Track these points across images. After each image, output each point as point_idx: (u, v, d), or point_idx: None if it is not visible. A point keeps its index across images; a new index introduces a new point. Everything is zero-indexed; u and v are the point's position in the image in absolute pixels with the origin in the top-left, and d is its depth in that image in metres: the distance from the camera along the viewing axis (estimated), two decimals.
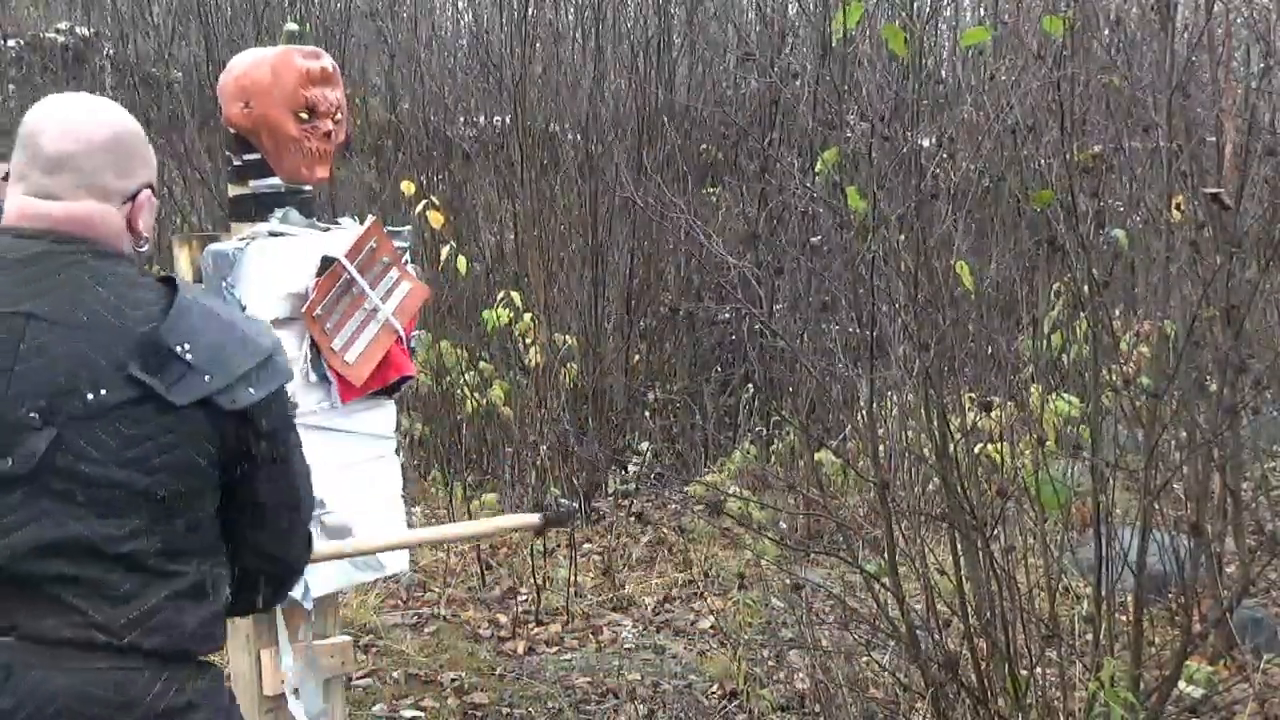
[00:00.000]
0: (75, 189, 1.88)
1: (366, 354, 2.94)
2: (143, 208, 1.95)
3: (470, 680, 4.66)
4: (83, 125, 1.90)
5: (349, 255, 2.91)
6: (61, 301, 1.82)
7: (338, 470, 2.89)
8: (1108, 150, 4.21)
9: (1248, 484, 4.74)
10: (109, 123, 1.93)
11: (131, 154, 1.94)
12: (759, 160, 7.65)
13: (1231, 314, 3.48)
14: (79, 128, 1.90)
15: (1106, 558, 3.46)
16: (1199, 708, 3.72)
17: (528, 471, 6.41)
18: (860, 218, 3.54)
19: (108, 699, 1.79)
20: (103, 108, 1.96)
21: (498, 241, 7.78)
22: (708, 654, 4.86)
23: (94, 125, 1.91)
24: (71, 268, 1.84)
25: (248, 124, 2.88)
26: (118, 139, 1.92)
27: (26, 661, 1.77)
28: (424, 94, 8.22)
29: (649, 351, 7.66)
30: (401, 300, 3.01)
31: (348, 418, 2.96)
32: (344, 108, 2.98)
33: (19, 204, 1.89)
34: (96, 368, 1.80)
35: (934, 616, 3.68)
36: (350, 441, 2.97)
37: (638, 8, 8.96)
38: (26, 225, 1.88)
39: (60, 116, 1.91)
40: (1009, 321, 4.85)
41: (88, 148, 1.89)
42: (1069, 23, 3.50)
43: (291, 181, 2.92)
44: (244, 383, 1.88)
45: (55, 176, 1.88)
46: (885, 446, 3.85)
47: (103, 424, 1.79)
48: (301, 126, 2.86)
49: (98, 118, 1.93)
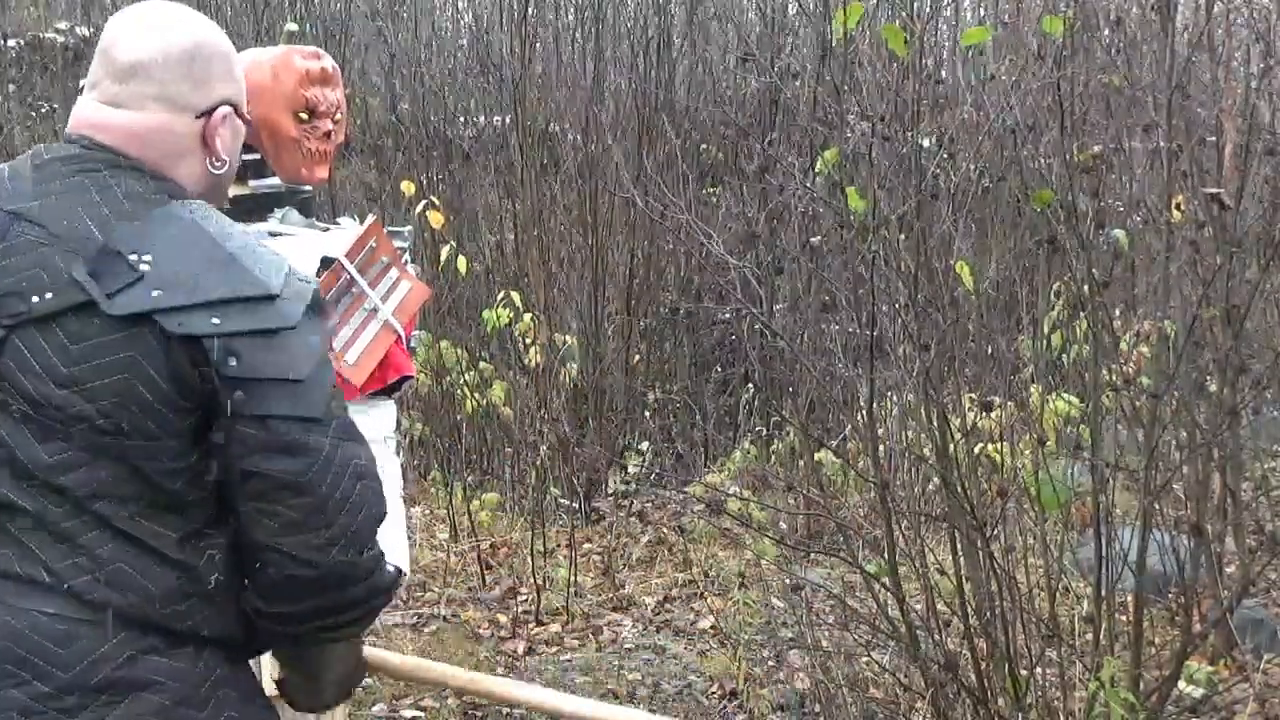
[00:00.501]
0: (145, 99, 1.77)
1: (366, 355, 2.94)
2: (221, 124, 1.82)
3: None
4: (162, 33, 1.78)
5: (349, 255, 2.91)
6: (53, 207, 1.70)
7: None
8: (1108, 150, 4.21)
9: (1248, 484, 4.74)
10: (189, 32, 1.80)
11: (211, 66, 1.81)
12: (759, 160, 7.65)
13: (1231, 314, 3.48)
14: (158, 35, 1.78)
15: (1106, 558, 3.46)
16: (1199, 708, 3.72)
17: (528, 471, 6.41)
18: (860, 218, 3.54)
19: (44, 649, 1.64)
20: (187, 17, 1.83)
21: (498, 241, 7.78)
22: (708, 654, 4.86)
23: (174, 34, 1.79)
24: (80, 174, 1.72)
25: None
26: (197, 48, 1.80)
27: None
28: (424, 94, 8.22)
29: (649, 351, 7.67)
30: (401, 300, 3.01)
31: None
32: (344, 108, 2.98)
33: (81, 110, 1.79)
34: (52, 271, 1.66)
35: (934, 616, 3.68)
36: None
37: (638, 8, 8.95)
38: (75, 132, 1.78)
39: (140, 24, 1.79)
40: (1009, 321, 4.85)
41: (164, 56, 1.77)
42: (1069, 23, 3.50)
43: (291, 182, 2.92)
44: (205, 309, 1.63)
45: (126, 85, 1.77)
46: (885, 446, 3.85)
47: (44, 332, 1.65)
48: (301, 127, 2.86)
49: (180, 27, 1.80)
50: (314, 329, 1.74)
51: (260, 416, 1.65)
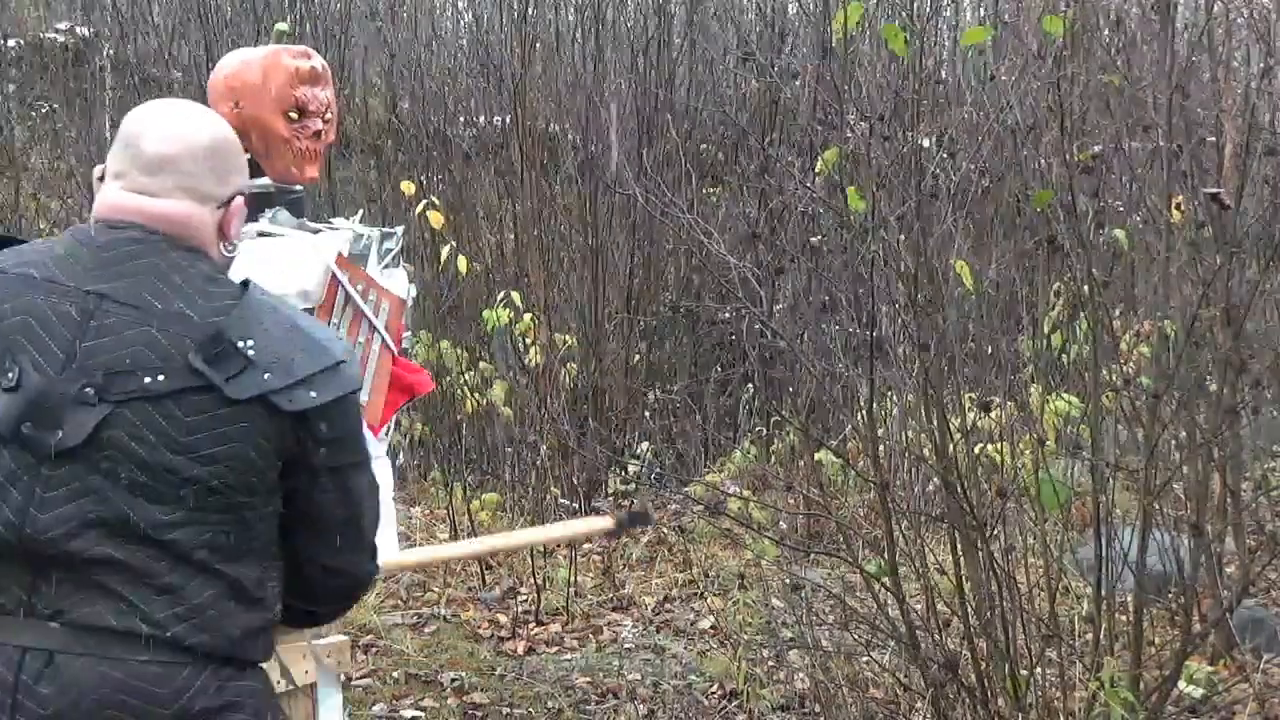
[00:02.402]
0: (174, 190, 1.92)
1: (375, 392, 2.95)
2: (236, 214, 1.99)
3: (470, 680, 4.66)
4: (186, 129, 1.95)
5: (325, 314, 2.88)
6: (136, 286, 1.85)
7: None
8: (1108, 150, 4.21)
9: (1248, 484, 4.74)
10: (210, 129, 1.98)
11: (229, 160, 1.99)
12: (759, 160, 7.65)
13: (1231, 314, 3.48)
14: (182, 131, 1.94)
15: (1106, 558, 3.46)
16: (1199, 708, 3.72)
17: (528, 471, 6.41)
18: (860, 218, 3.54)
19: (146, 691, 1.79)
20: (204, 115, 2.01)
21: (498, 241, 7.78)
22: (708, 654, 4.86)
23: (196, 130, 1.96)
24: (151, 255, 1.88)
25: (237, 124, 2.86)
26: (217, 144, 1.97)
27: (70, 648, 1.78)
28: (424, 94, 8.22)
29: (649, 351, 7.67)
30: (386, 320, 3.01)
31: None
32: (334, 107, 2.97)
33: (115, 198, 1.92)
34: (159, 352, 1.82)
35: (934, 616, 3.68)
36: None
37: (638, 8, 8.95)
38: (116, 217, 1.91)
39: (164, 120, 1.96)
40: (1009, 321, 4.85)
41: (190, 151, 1.93)
42: (1069, 23, 3.50)
43: (281, 181, 2.91)
44: (304, 385, 1.87)
45: (155, 177, 1.91)
46: (885, 446, 3.85)
47: (158, 408, 1.81)
48: (291, 126, 2.86)
49: (200, 124, 1.97)
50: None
51: (337, 468, 1.93)
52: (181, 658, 1.82)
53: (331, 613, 2.16)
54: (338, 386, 1.91)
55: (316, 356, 1.90)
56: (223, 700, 1.85)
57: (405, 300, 3.07)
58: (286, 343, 1.89)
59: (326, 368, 1.90)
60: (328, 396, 1.89)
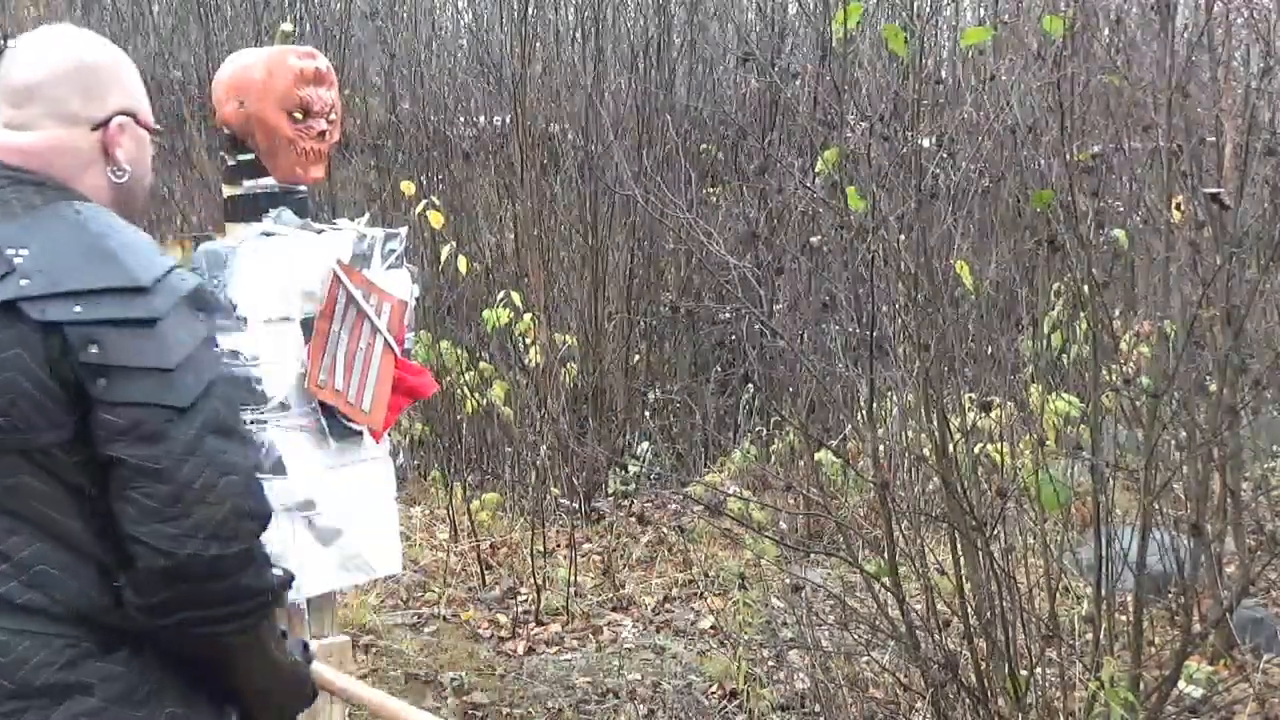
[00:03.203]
0: (42, 118, 1.84)
1: (378, 399, 2.95)
2: (119, 135, 1.89)
3: (470, 680, 4.66)
4: (50, 53, 1.87)
5: (326, 319, 2.89)
6: None
7: (327, 471, 2.89)
8: (1108, 150, 4.21)
9: (1248, 484, 4.74)
10: (79, 49, 1.89)
11: (100, 79, 1.89)
12: (759, 160, 7.65)
13: (1231, 314, 3.48)
14: (46, 55, 1.87)
15: (1106, 558, 3.46)
16: (1199, 708, 3.71)
17: (528, 471, 6.41)
18: (860, 218, 3.54)
19: None
20: (72, 36, 1.91)
21: (498, 241, 7.77)
22: (708, 654, 4.86)
23: (58, 53, 1.87)
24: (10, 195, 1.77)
25: (241, 124, 2.88)
26: (85, 63, 1.88)
27: None
28: (424, 94, 8.22)
29: (649, 351, 7.67)
30: (387, 322, 3.01)
31: (338, 418, 2.95)
32: (338, 107, 2.98)
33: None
34: None
35: (934, 616, 3.68)
36: (341, 442, 2.96)
37: (638, 8, 8.95)
38: None
39: (30, 48, 1.89)
40: (1009, 321, 4.85)
41: (53, 75, 1.85)
42: (1069, 23, 3.50)
43: (286, 182, 2.92)
44: (69, 298, 1.66)
45: (22, 108, 1.84)
46: (885, 446, 3.84)
47: None
48: (295, 126, 2.86)
49: (68, 45, 1.89)
50: (189, 322, 1.74)
51: (121, 403, 1.66)
52: (20, 622, 1.67)
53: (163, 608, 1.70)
54: (124, 309, 1.67)
55: (102, 273, 1.69)
56: (72, 678, 1.68)
57: (407, 302, 3.08)
58: (73, 255, 1.70)
59: (113, 287, 1.68)
60: (97, 315, 1.66)
